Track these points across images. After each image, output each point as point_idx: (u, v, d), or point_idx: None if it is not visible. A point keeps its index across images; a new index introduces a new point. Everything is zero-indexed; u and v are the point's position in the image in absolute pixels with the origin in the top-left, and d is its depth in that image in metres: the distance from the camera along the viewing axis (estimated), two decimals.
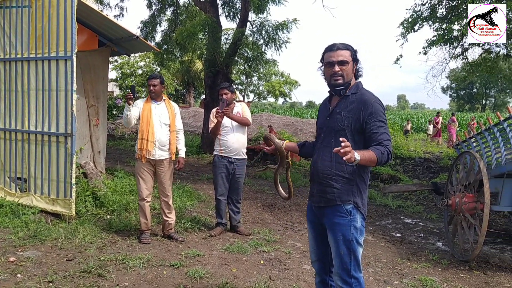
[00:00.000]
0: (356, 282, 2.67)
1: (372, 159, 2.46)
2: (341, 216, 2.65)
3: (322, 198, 2.72)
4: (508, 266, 5.01)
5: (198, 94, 40.83)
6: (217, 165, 5.48)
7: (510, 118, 4.88)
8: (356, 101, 2.66)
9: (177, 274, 4.15)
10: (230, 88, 5.50)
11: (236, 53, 13.62)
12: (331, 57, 2.67)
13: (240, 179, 5.60)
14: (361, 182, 2.68)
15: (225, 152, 5.43)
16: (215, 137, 5.54)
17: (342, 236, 2.64)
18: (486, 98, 70.37)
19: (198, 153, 14.56)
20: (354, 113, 2.63)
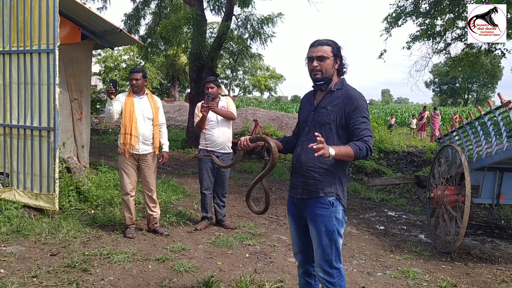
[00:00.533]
0: (337, 272, 2.72)
1: (349, 154, 2.56)
2: (324, 207, 2.70)
3: (305, 190, 2.75)
4: (489, 257, 5.12)
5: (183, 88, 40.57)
6: (203, 159, 5.47)
7: (490, 112, 4.97)
8: (341, 97, 2.71)
9: (162, 268, 4.15)
10: (216, 82, 5.49)
11: (221, 47, 13.58)
12: (312, 53, 2.75)
13: (225, 173, 5.60)
14: (342, 175, 2.75)
15: (210, 146, 5.43)
16: (200, 131, 5.53)
17: (325, 227, 2.69)
18: (469, 92, 71.39)
19: (183, 147, 14.51)
20: (339, 108, 2.69)
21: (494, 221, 6.98)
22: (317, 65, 2.71)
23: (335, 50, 2.74)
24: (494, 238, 6.09)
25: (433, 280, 4.35)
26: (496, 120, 4.87)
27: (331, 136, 2.69)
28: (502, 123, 4.76)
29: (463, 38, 10.19)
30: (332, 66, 2.74)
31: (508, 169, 5.22)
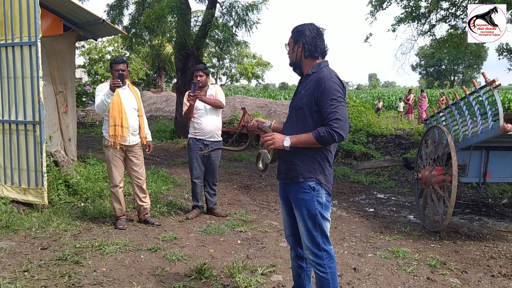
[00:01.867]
0: (326, 254, 2.76)
1: (310, 141, 2.59)
2: (305, 192, 2.72)
3: (288, 175, 2.79)
4: (477, 235, 5.21)
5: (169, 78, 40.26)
6: (192, 148, 5.46)
7: (475, 91, 5.02)
8: (313, 80, 2.71)
9: (154, 257, 4.16)
10: (205, 70, 5.46)
11: (207, 35, 13.46)
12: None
13: (215, 162, 5.60)
14: (323, 160, 2.72)
15: (199, 135, 5.41)
16: (188, 121, 5.51)
17: (307, 211, 2.72)
18: (455, 74, 71.87)
19: (172, 137, 14.46)
20: (311, 92, 2.68)
21: (482, 200, 7.09)
22: (288, 52, 2.88)
23: (294, 36, 2.81)
24: (481, 216, 6.19)
25: (422, 259, 4.42)
26: (481, 99, 4.91)
27: (306, 121, 2.68)
28: (487, 102, 4.81)
29: (447, 19, 10.23)
30: (294, 51, 2.82)
31: (494, 148, 5.30)
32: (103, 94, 4.83)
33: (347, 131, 2.59)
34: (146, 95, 25.76)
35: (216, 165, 5.63)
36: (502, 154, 5.35)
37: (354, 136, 12.30)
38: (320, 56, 2.80)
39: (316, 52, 2.77)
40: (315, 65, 2.78)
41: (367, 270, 4.07)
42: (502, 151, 5.34)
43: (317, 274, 2.79)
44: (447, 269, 4.17)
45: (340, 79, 2.67)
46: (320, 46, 2.77)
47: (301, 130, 2.68)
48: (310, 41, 2.75)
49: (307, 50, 2.77)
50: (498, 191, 7.44)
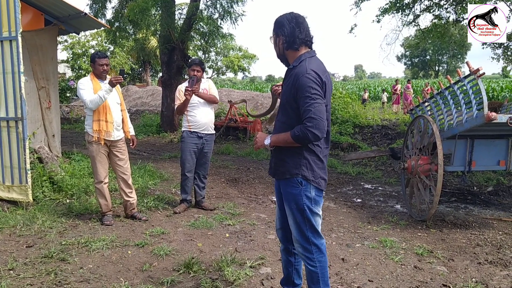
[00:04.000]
0: (315, 248, 2.75)
1: (287, 140, 2.60)
2: (294, 186, 2.70)
3: (277, 171, 2.78)
4: (463, 223, 5.27)
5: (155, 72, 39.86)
6: (186, 141, 5.42)
7: (460, 81, 5.05)
8: (292, 75, 2.64)
9: (142, 253, 4.13)
10: (202, 65, 5.44)
11: (192, 28, 13.35)
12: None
13: (208, 154, 5.59)
14: (310, 155, 2.67)
15: (193, 127, 5.38)
16: (181, 114, 5.50)
17: (295, 205, 2.71)
18: (439, 64, 72.46)
19: (158, 132, 14.37)
20: (289, 88, 2.63)
21: (467, 188, 7.17)
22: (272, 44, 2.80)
23: (274, 28, 2.75)
24: (467, 204, 6.26)
25: (409, 247, 4.45)
26: (466, 88, 4.94)
27: (291, 116, 2.64)
28: (471, 91, 4.84)
29: (431, 9, 10.27)
30: (276, 45, 2.77)
31: (478, 136, 5.34)
32: (89, 88, 4.75)
33: (323, 129, 2.49)
34: (132, 89, 25.52)
35: (208, 157, 5.62)
36: (486, 143, 5.40)
37: (341, 127, 12.35)
38: (304, 46, 2.70)
39: (295, 44, 2.68)
40: (297, 57, 2.70)
41: (355, 260, 4.09)
42: (486, 140, 5.39)
43: (307, 267, 2.79)
44: (434, 257, 4.21)
45: (317, 73, 2.55)
46: (299, 36, 2.66)
47: (287, 126, 2.64)
48: (288, 33, 2.67)
49: (285, 42, 2.70)
50: (483, 179, 7.53)
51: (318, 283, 2.78)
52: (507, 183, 7.34)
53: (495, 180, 7.45)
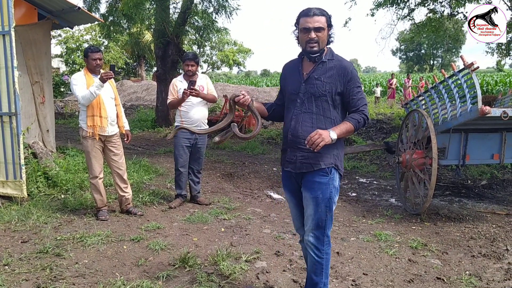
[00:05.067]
0: (327, 240, 2.80)
1: (350, 130, 2.64)
2: (322, 175, 2.71)
3: (304, 164, 2.72)
4: (457, 216, 5.31)
5: (150, 66, 39.70)
6: (179, 136, 5.40)
7: (454, 75, 5.06)
8: (335, 68, 2.68)
9: (137, 248, 4.13)
10: (196, 59, 5.38)
11: (186, 22, 13.29)
12: (308, 23, 2.62)
13: (202, 149, 5.57)
14: (340, 145, 2.79)
15: (186, 123, 5.33)
16: (173, 109, 5.50)
17: (322, 194, 2.71)
18: (434, 58, 72.55)
19: (153, 127, 14.33)
20: (335, 79, 2.67)
21: (461, 181, 7.21)
22: (315, 36, 2.62)
23: (328, 20, 2.68)
24: (461, 198, 6.30)
25: (404, 241, 4.48)
26: (460, 82, 4.96)
27: (327, 108, 2.69)
28: (466, 85, 4.86)
29: (426, 3, 10.28)
30: (326, 37, 2.69)
31: (472, 130, 5.37)
32: (82, 84, 4.73)
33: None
34: (126, 84, 25.40)
35: (202, 152, 5.60)
36: (480, 136, 5.43)
37: None
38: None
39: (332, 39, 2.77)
40: (328, 52, 2.74)
41: (350, 253, 4.11)
42: (480, 133, 5.42)
43: (312, 258, 2.80)
44: (428, 251, 4.24)
45: None
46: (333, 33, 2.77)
47: (323, 117, 2.69)
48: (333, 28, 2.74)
49: (332, 36, 2.74)
50: (477, 173, 7.58)
51: (321, 274, 2.81)
52: (501, 176, 7.39)
53: (489, 174, 7.49)
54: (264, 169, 7.95)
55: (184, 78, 5.44)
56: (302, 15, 2.66)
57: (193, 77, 5.39)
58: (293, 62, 2.87)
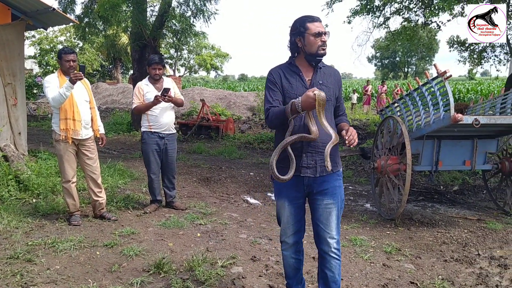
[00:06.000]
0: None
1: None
2: (338, 178, 2.84)
3: (324, 167, 2.71)
4: (430, 221, 5.41)
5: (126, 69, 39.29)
6: (147, 142, 5.33)
7: (428, 82, 5.16)
8: (331, 75, 2.83)
9: (111, 253, 4.06)
10: (162, 63, 5.31)
11: (164, 25, 13.21)
12: (319, 28, 2.70)
13: (173, 154, 5.51)
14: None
15: (154, 127, 5.28)
16: (139, 114, 5.42)
17: (340, 197, 2.83)
18: (408, 66, 74.02)
19: (129, 130, 14.16)
20: (334, 85, 2.81)
21: (434, 187, 7.35)
22: (326, 40, 2.71)
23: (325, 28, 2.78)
24: (434, 203, 6.43)
25: (379, 246, 4.54)
26: (433, 90, 5.06)
27: (331, 111, 2.81)
28: (439, 93, 4.96)
29: (401, 12, 10.48)
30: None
31: (445, 137, 5.49)
32: (55, 85, 4.63)
33: None
34: (102, 86, 25.06)
35: (173, 157, 5.54)
36: (452, 143, 5.55)
37: None
38: None
39: None
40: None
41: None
42: (452, 140, 5.54)
43: (335, 263, 2.85)
44: (402, 255, 4.30)
45: None
46: None
47: (330, 120, 2.75)
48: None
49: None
50: (449, 179, 7.74)
51: (339, 275, 2.91)
52: (472, 182, 7.56)
53: (460, 180, 7.66)
54: (241, 174, 7.94)
55: (149, 81, 5.35)
56: (310, 20, 2.72)
57: (160, 81, 5.33)
58: (286, 67, 2.82)
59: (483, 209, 6.16)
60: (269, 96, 2.76)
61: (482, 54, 11.20)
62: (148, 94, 5.24)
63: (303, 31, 2.70)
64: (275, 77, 2.78)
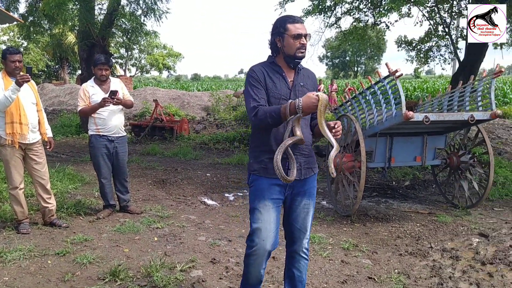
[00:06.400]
0: None
1: None
2: (314, 179, 2.88)
3: (307, 169, 2.77)
4: (384, 216, 5.55)
5: (73, 69, 37.93)
6: (96, 146, 5.12)
7: (380, 81, 5.29)
8: (309, 77, 2.82)
9: (63, 262, 3.88)
10: (108, 63, 5.08)
11: (113, 24, 12.83)
12: (300, 29, 2.63)
13: (123, 157, 5.31)
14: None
15: (103, 131, 5.07)
16: (85, 117, 5.20)
17: (314, 196, 2.90)
18: (358, 65, 76.08)
19: (77, 133, 13.68)
20: (312, 87, 2.80)
21: (386, 183, 7.56)
22: (305, 42, 2.65)
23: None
24: (387, 198, 6.61)
25: (336, 242, 4.60)
26: (385, 88, 5.19)
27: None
28: (390, 91, 5.10)
29: (352, 13, 10.71)
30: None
31: (397, 134, 5.65)
32: (0, 87, 4.36)
33: None
34: (48, 87, 24.00)
35: (124, 160, 5.34)
36: (404, 140, 5.73)
37: None
38: None
39: None
40: None
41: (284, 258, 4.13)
42: (404, 137, 5.72)
43: (302, 263, 2.93)
44: (359, 251, 4.39)
45: None
46: None
47: (308, 122, 2.79)
48: None
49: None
50: (401, 174, 7.99)
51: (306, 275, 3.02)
52: (422, 177, 7.84)
53: (411, 175, 7.92)
54: (198, 175, 7.83)
55: (95, 82, 5.12)
56: (290, 22, 2.65)
57: (107, 82, 5.13)
58: (269, 66, 2.75)
59: (433, 202, 6.40)
60: (253, 94, 2.63)
61: (428, 53, 11.66)
62: (94, 96, 5.00)
63: (283, 32, 2.66)
64: (259, 75, 2.68)
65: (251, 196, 2.79)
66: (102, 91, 5.05)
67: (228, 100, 17.29)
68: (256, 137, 2.75)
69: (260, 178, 2.72)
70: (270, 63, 2.76)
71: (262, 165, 2.70)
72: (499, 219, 5.49)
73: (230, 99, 17.47)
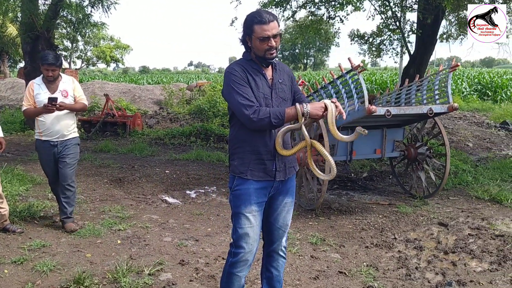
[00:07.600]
0: None
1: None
2: (294, 178, 2.89)
3: (289, 169, 2.76)
4: (347, 209, 5.63)
5: (14, 62, 35.93)
6: (39, 150, 4.71)
7: (342, 76, 5.30)
8: (285, 72, 2.77)
9: (21, 271, 3.64)
10: (56, 63, 4.51)
11: (58, 15, 12.22)
12: (266, 31, 2.50)
13: (67, 161, 4.66)
14: None
15: (45, 135, 4.62)
16: (29, 118, 4.80)
17: (294, 194, 2.89)
18: (307, 57, 77.13)
19: (22, 129, 12.96)
20: (289, 82, 2.76)
21: (346, 175, 7.68)
22: (274, 44, 2.54)
23: (279, 24, 2.60)
24: (348, 191, 6.71)
25: (304, 237, 4.61)
26: (348, 83, 5.23)
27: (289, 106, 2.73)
28: (353, 86, 5.14)
29: (307, 6, 10.75)
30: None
31: None
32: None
33: None
34: None
35: (68, 164, 4.67)
36: None
37: (223, 120, 12.40)
38: None
39: None
40: None
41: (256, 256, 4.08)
42: None
43: (281, 262, 2.92)
44: (327, 245, 4.42)
45: None
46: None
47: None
48: None
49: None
50: (358, 166, 8.15)
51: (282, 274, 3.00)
52: (379, 168, 8.04)
53: (368, 167, 8.10)
54: (156, 172, 7.60)
55: (43, 81, 4.63)
56: (257, 22, 2.51)
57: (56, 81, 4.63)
58: (248, 64, 2.64)
59: (392, 193, 6.57)
60: (243, 93, 2.51)
61: (380, 46, 11.95)
62: (39, 96, 4.54)
63: (250, 33, 2.56)
64: (242, 75, 2.57)
65: (235, 200, 2.68)
66: (48, 91, 4.58)
67: (182, 94, 16.98)
68: (241, 138, 2.65)
69: (247, 182, 2.64)
70: (248, 61, 2.65)
71: (250, 168, 2.63)
72: (455, 207, 5.71)
73: (183, 92, 17.17)
